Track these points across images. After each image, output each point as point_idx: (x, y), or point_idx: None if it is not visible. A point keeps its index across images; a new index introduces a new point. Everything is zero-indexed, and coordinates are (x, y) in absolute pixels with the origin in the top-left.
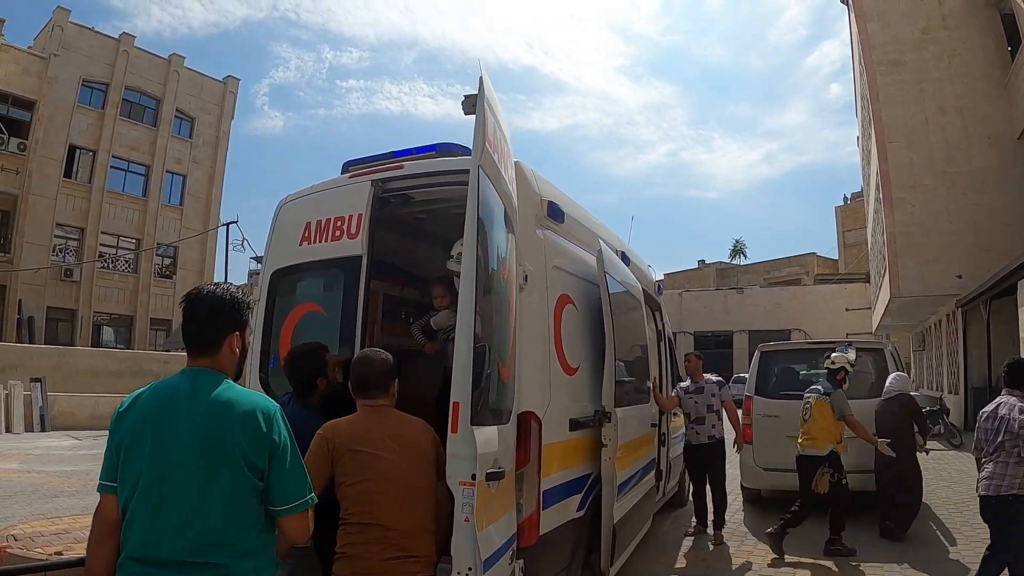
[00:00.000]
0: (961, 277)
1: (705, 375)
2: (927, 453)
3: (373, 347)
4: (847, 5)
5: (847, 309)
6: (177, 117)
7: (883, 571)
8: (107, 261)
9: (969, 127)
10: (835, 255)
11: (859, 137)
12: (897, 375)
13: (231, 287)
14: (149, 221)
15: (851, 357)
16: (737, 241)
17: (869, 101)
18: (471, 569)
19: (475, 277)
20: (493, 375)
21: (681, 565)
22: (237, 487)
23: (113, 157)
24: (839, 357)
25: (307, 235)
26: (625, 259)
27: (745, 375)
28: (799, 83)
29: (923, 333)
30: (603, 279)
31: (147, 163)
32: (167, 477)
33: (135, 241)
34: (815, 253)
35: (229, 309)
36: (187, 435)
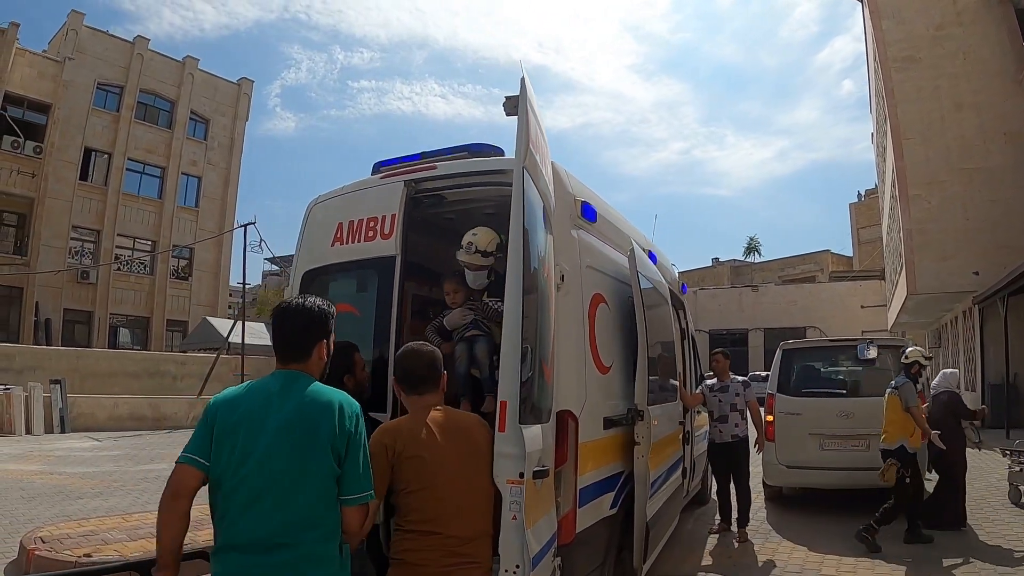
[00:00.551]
0: (978, 274)
1: (731, 374)
2: (979, 448)
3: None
4: (861, 2)
5: (862, 306)
6: (192, 119)
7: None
8: (123, 263)
9: (985, 124)
10: (850, 252)
11: (874, 134)
12: (943, 373)
13: (318, 300)
14: (165, 223)
15: (873, 354)
16: (751, 239)
17: (884, 98)
18: (519, 567)
19: (521, 277)
20: (536, 374)
21: (708, 563)
22: (323, 472)
23: (128, 159)
24: (913, 351)
25: (339, 236)
26: (652, 258)
27: (760, 373)
28: (811, 80)
29: (939, 330)
30: (635, 279)
31: (162, 165)
32: (258, 466)
33: (151, 243)
34: (829, 250)
35: (318, 320)
36: (277, 426)
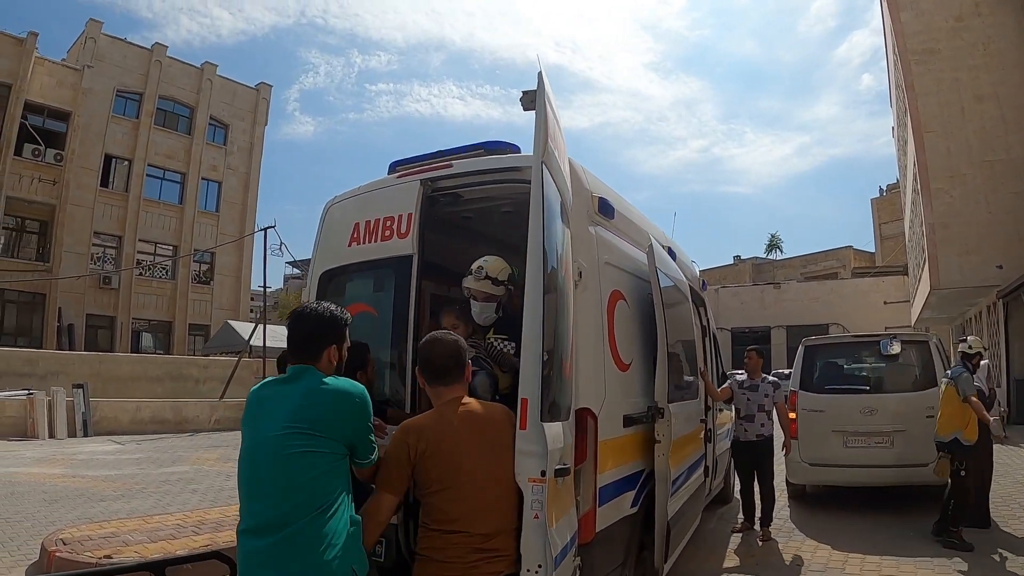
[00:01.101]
0: (1002, 267)
1: (763, 374)
2: (1004, 443)
3: None
4: None
5: (885, 302)
6: (211, 124)
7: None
8: (145, 268)
9: (1006, 115)
10: (872, 248)
11: (894, 128)
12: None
13: (331, 307)
14: (186, 228)
15: (897, 349)
16: (773, 236)
17: (904, 91)
18: (541, 566)
19: (542, 274)
20: (556, 371)
21: (731, 562)
22: (325, 451)
23: (149, 166)
24: (975, 341)
25: (356, 236)
26: (672, 254)
27: (784, 371)
28: (830, 75)
29: (963, 325)
30: (655, 275)
31: (182, 171)
32: (260, 451)
33: (172, 248)
34: (851, 246)
35: (328, 324)
36: (284, 413)
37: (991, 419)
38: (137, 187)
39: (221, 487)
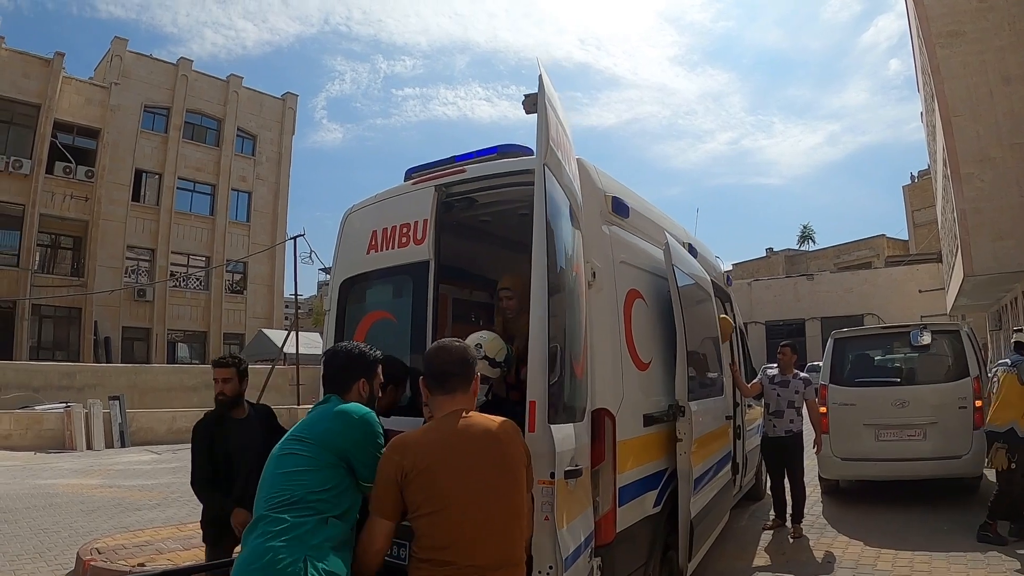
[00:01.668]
0: None
1: (795, 371)
2: None
3: None
4: None
5: (920, 291)
6: (239, 136)
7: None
8: (178, 280)
9: None
10: (905, 236)
11: (922, 112)
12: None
13: (362, 346)
14: (217, 239)
15: (927, 339)
16: (805, 227)
17: (930, 75)
18: (552, 568)
19: (546, 276)
20: (567, 373)
21: (761, 560)
22: (308, 456)
23: (179, 179)
24: None
25: (374, 243)
26: (692, 251)
27: (819, 363)
28: (857, 61)
29: (999, 312)
30: (671, 272)
31: (212, 182)
32: (277, 456)
33: (205, 259)
34: (884, 235)
35: (356, 359)
36: (301, 428)
37: None
38: (168, 200)
39: None
